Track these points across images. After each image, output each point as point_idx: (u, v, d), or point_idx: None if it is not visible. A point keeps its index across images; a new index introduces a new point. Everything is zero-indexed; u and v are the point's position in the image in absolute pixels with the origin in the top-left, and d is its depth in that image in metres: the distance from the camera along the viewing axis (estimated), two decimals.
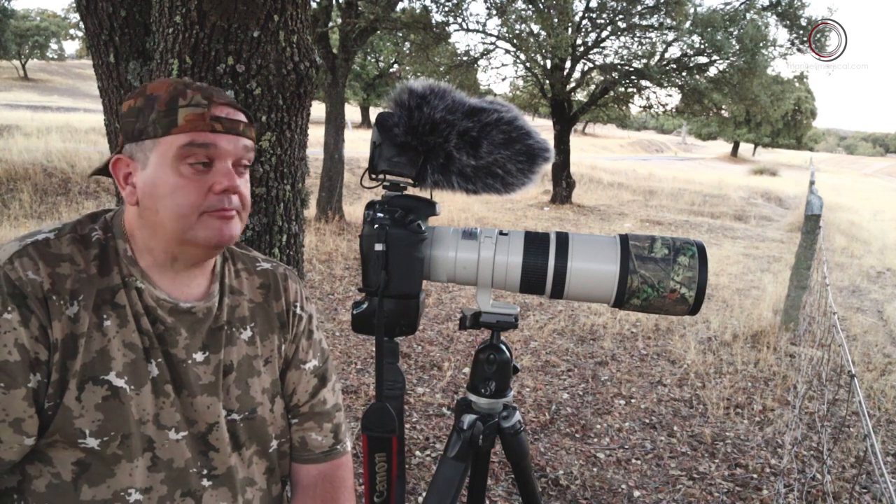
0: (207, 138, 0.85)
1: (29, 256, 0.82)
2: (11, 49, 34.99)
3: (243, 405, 0.96)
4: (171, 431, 0.88)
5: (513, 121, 1.05)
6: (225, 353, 0.94)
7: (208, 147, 0.85)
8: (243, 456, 0.97)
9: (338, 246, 6.53)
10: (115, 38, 1.79)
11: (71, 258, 0.85)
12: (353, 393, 3.19)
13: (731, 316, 4.93)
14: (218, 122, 0.86)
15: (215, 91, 0.90)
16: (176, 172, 0.85)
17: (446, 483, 1.11)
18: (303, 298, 1.07)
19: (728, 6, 10.19)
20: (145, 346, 0.87)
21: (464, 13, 9.79)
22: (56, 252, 0.84)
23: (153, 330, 0.88)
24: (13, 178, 7.80)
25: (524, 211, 10.68)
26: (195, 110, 0.85)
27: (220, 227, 0.86)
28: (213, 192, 0.85)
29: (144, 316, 0.88)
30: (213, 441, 0.92)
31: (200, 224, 0.85)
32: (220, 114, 0.87)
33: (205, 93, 0.88)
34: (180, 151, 0.84)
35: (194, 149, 0.84)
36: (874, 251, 9.02)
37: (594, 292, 1.01)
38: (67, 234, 0.87)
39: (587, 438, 2.95)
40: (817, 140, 73.03)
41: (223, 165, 0.86)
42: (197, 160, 0.85)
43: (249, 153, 0.91)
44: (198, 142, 0.84)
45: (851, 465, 2.80)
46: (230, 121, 0.87)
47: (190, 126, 0.85)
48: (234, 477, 0.94)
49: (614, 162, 23.21)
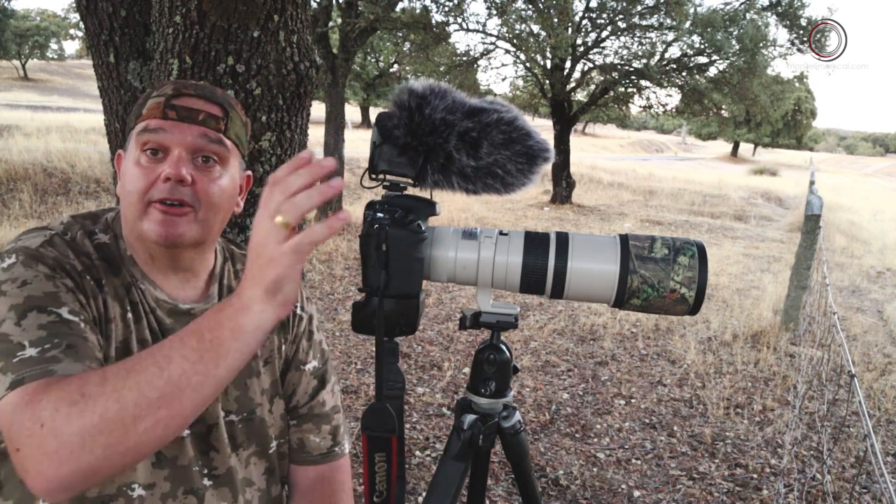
0: (158, 124, 0.84)
1: (58, 245, 0.83)
2: (11, 49, 34.99)
3: (242, 406, 0.96)
4: None
5: (513, 121, 1.05)
6: None
7: (158, 133, 0.84)
8: (241, 456, 0.97)
9: (338, 246, 6.53)
10: (115, 38, 1.78)
11: (88, 253, 0.86)
12: (353, 393, 3.19)
13: (731, 316, 4.93)
14: (172, 110, 0.85)
15: (195, 85, 0.89)
16: (135, 160, 0.85)
17: (446, 483, 1.11)
18: (303, 299, 1.07)
19: (728, 6, 10.20)
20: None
21: (464, 13, 9.80)
22: (77, 248, 0.86)
23: (158, 329, 0.89)
24: (13, 178, 7.80)
25: (524, 211, 10.68)
26: (157, 99, 0.86)
27: (161, 221, 0.83)
28: (160, 181, 0.83)
29: (151, 315, 0.89)
30: (213, 441, 0.92)
31: (147, 216, 0.84)
32: (179, 102, 0.86)
33: (179, 85, 0.88)
34: (137, 139, 0.85)
35: (147, 135, 0.85)
36: (874, 251, 9.01)
37: (594, 292, 1.01)
38: (78, 231, 0.88)
39: (587, 438, 2.95)
40: (817, 140, 73.07)
41: (174, 154, 0.84)
42: (148, 147, 0.84)
43: (212, 144, 0.87)
44: (150, 127, 0.85)
45: (851, 465, 2.80)
46: (186, 109, 0.85)
47: (149, 113, 0.86)
48: (233, 477, 0.95)
49: (614, 162, 23.20)
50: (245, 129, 0.95)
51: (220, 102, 0.89)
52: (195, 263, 0.93)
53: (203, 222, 0.86)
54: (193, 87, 0.88)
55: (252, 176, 1.00)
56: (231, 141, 0.90)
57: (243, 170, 0.96)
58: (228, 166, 0.90)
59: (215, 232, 0.91)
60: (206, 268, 0.95)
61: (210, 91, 0.89)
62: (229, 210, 0.92)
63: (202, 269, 0.95)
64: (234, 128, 0.90)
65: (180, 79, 1.55)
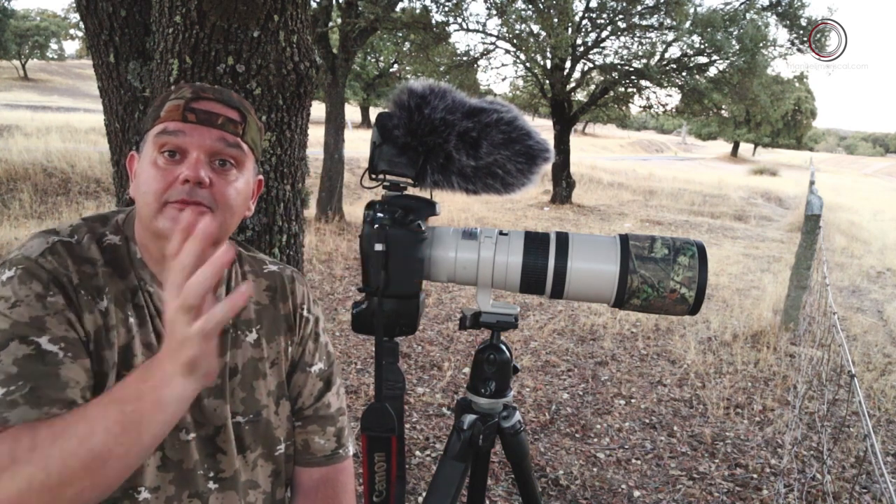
0: (178, 126, 0.85)
1: (58, 254, 0.84)
2: (11, 49, 34.99)
3: (248, 408, 0.96)
4: (181, 432, 0.89)
5: (513, 121, 1.05)
6: (230, 355, 0.94)
7: (177, 135, 0.85)
8: (247, 459, 0.96)
9: (338, 246, 6.53)
10: (115, 38, 1.78)
11: (92, 259, 0.87)
12: (353, 393, 3.19)
13: (731, 316, 4.93)
14: (191, 113, 0.86)
15: (213, 90, 0.90)
16: (152, 162, 0.86)
17: (446, 483, 1.11)
18: (310, 301, 1.07)
19: (728, 6, 10.21)
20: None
21: (464, 13, 9.79)
22: (80, 254, 0.86)
23: (164, 332, 0.89)
24: (13, 178, 7.80)
25: (524, 211, 10.68)
26: (175, 102, 0.87)
27: (178, 218, 0.83)
28: (178, 182, 0.84)
29: (157, 318, 0.89)
30: (220, 444, 0.92)
31: (163, 214, 0.84)
32: (198, 106, 0.86)
33: (197, 88, 0.88)
34: (155, 140, 0.86)
35: (165, 137, 0.85)
36: (874, 251, 9.02)
37: (594, 292, 1.01)
38: (86, 235, 0.88)
39: (587, 438, 2.95)
40: (817, 140, 73.08)
41: (192, 156, 0.85)
42: (167, 148, 0.85)
43: (230, 148, 0.88)
44: (169, 130, 0.85)
45: (851, 465, 2.80)
46: (206, 112, 0.86)
47: (167, 116, 0.86)
48: (239, 480, 0.95)
49: (614, 162, 23.21)
50: (260, 133, 0.96)
51: (237, 107, 0.90)
52: None
53: (220, 224, 0.87)
54: (212, 90, 0.89)
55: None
56: (248, 145, 0.91)
57: (256, 174, 0.97)
58: (244, 170, 0.91)
59: (229, 234, 0.92)
60: None
61: (228, 95, 0.90)
62: (243, 213, 0.92)
63: None
64: (250, 132, 0.91)
65: (184, 80, 1.55)
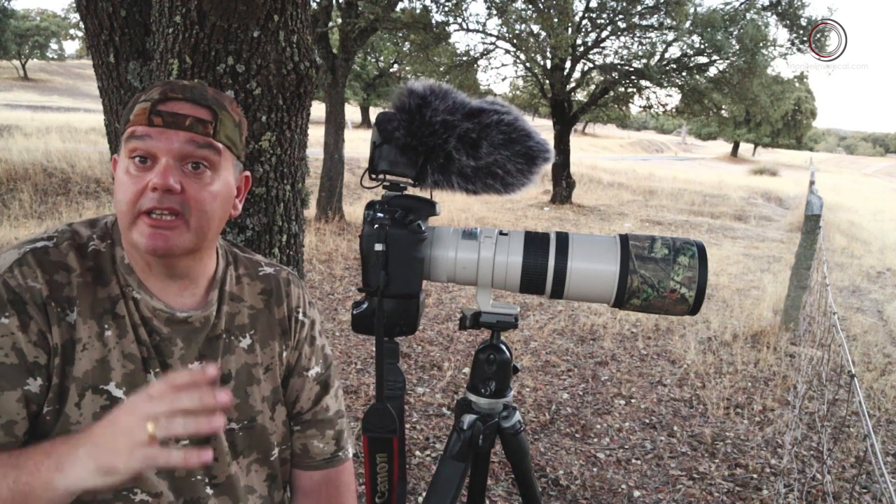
0: (145, 131, 0.82)
1: (28, 265, 0.82)
2: (11, 49, 34.96)
3: (242, 414, 0.95)
4: (172, 440, 0.88)
5: (513, 122, 1.05)
6: (222, 362, 0.93)
7: (145, 140, 0.81)
8: (242, 464, 0.96)
9: (338, 246, 6.53)
10: (115, 38, 1.78)
11: (69, 267, 0.85)
12: (353, 393, 3.19)
13: (731, 316, 4.93)
14: (157, 116, 0.82)
15: (184, 87, 0.85)
16: (125, 169, 0.83)
17: (446, 483, 1.11)
18: (305, 304, 1.06)
19: (728, 6, 10.20)
20: (144, 357, 0.86)
21: (464, 13, 9.79)
22: (54, 260, 0.84)
23: (150, 340, 0.87)
24: (13, 178, 7.80)
25: (524, 211, 10.68)
26: (143, 105, 0.83)
27: (150, 234, 0.81)
28: (148, 190, 0.81)
29: (142, 326, 0.87)
30: (213, 450, 0.92)
31: (136, 227, 0.82)
32: (164, 108, 0.82)
33: (166, 88, 0.85)
34: (126, 146, 0.83)
35: (134, 142, 0.82)
36: (874, 251, 9.02)
37: (594, 292, 1.01)
38: (66, 241, 0.86)
39: (587, 438, 2.95)
40: (817, 140, 73.05)
41: (161, 162, 0.81)
42: (136, 154, 0.82)
43: (201, 150, 0.83)
44: (137, 134, 0.82)
45: (851, 465, 2.80)
46: (172, 114, 0.82)
47: (136, 119, 0.83)
48: (235, 485, 0.94)
49: (614, 162, 23.20)
50: (239, 129, 0.91)
51: (208, 105, 0.85)
52: (192, 270, 0.90)
53: (196, 230, 0.84)
54: (182, 89, 0.85)
55: (251, 176, 0.98)
56: (222, 144, 0.86)
57: (240, 171, 0.93)
58: (220, 170, 0.86)
59: (210, 238, 0.88)
60: (204, 274, 0.93)
61: (199, 93, 0.86)
62: (225, 214, 0.89)
63: (201, 276, 0.92)
64: (224, 130, 0.86)
65: (179, 79, 1.54)
